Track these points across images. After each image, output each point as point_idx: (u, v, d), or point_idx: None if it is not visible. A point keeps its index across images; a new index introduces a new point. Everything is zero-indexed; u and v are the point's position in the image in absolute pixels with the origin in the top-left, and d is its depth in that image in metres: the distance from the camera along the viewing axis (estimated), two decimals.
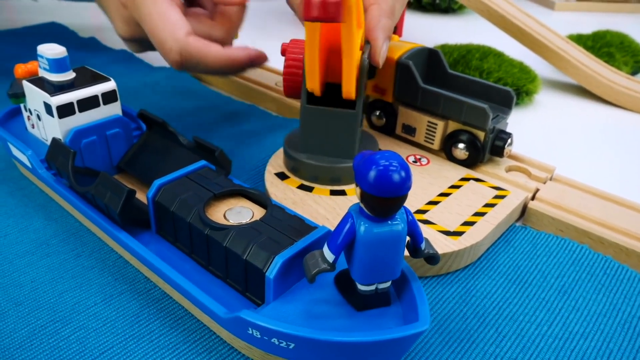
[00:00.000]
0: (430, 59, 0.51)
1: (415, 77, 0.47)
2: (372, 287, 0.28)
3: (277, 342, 0.26)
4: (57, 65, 0.41)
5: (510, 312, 0.34)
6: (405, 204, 0.25)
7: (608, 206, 0.43)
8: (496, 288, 0.36)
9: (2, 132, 0.44)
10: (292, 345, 0.26)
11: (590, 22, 1.05)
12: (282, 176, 0.44)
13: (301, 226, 0.31)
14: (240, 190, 0.34)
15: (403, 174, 0.24)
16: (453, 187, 0.44)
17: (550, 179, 0.47)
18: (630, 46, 0.79)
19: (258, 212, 0.33)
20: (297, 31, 0.94)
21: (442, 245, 0.36)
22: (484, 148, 0.46)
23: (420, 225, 0.38)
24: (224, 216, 0.32)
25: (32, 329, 0.31)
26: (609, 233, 0.40)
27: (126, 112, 0.45)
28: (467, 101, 0.44)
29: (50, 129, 0.41)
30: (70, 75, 0.42)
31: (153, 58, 0.73)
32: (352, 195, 0.41)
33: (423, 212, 0.40)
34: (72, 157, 0.37)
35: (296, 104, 0.59)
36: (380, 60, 0.40)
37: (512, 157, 0.49)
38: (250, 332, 0.27)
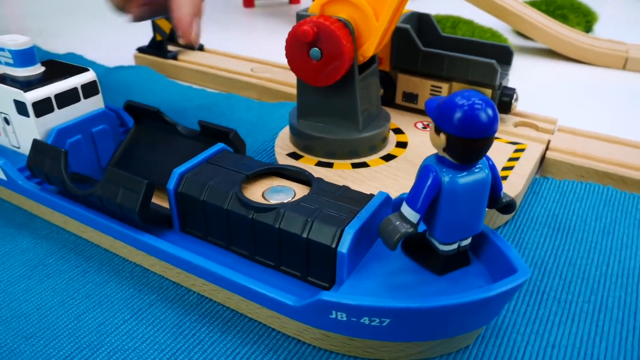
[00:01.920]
0: (420, 24, 0.49)
1: (415, 42, 0.45)
2: (454, 246, 0.25)
3: (367, 321, 0.23)
4: (22, 57, 0.35)
5: (566, 258, 0.33)
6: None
7: (616, 147, 0.43)
8: (544, 238, 0.35)
9: None
10: (387, 321, 0.23)
11: None
12: (295, 156, 0.40)
13: (356, 195, 0.28)
14: (274, 169, 0.31)
15: (491, 111, 0.22)
16: None
17: (557, 130, 0.47)
18: (580, 7, 0.81)
19: (300, 189, 0.29)
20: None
21: None
22: None
23: None
24: (264, 197, 0.29)
25: None
26: (628, 172, 0.40)
27: (107, 108, 0.39)
28: (474, 59, 0.43)
29: (25, 133, 0.35)
30: (38, 69, 0.36)
31: (106, 58, 0.67)
32: (376, 166, 0.39)
33: None
34: (65, 158, 0.31)
35: (279, 87, 0.56)
36: (194, 39, 0.38)
37: (515, 113, 0.48)
38: (334, 315, 0.24)
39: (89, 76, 0.37)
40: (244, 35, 0.87)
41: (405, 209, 0.24)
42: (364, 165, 0.39)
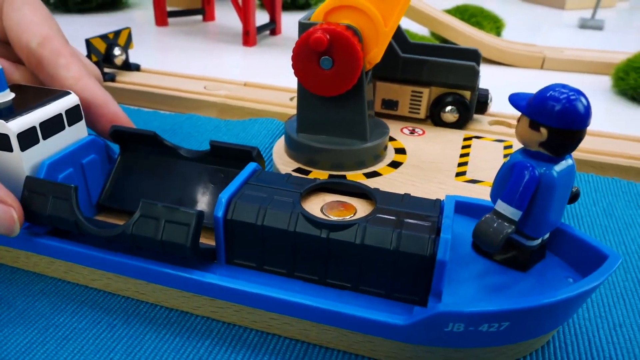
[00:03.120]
0: None
1: (395, 49, 0.45)
2: (539, 240, 0.25)
3: (485, 328, 0.22)
4: None
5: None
6: (441, 171, 0.23)
7: (588, 139, 0.47)
8: None
9: None
10: (505, 325, 0.22)
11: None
12: (301, 171, 0.38)
13: (423, 201, 0.27)
14: (323, 185, 0.28)
15: (586, 101, 0.22)
16: (464, 147, 0.43)
17: None
18: (489, 15, 0.89)
19: (358, 203, 0.28)
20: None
21: None
22: (472, 107, 0.46)
23: (471, 184, 0.37)
24: (324, 214, 0.27)
25: None
26: (605, 158, 0.44)
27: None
28: (455, 62, 0.44)
29: (6, 171, 0.29)
30: (8, 95, 0.30)
31: None
32: (388, 174, 0.38)
33: (463, 173, 0.39)
34: (76, 194, 0.27)
35: (243, 104, 0.53)
36: (121, 117, 0.34)
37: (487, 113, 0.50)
38: (449, 328, 0.22)
39: (72, 100, 0.31)
40: (161, 54, 0.82)
41: (503, 207, 0.23)
42: (377, 174, 0.38)
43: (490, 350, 0.24)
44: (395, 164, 0.40)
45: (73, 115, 0.32)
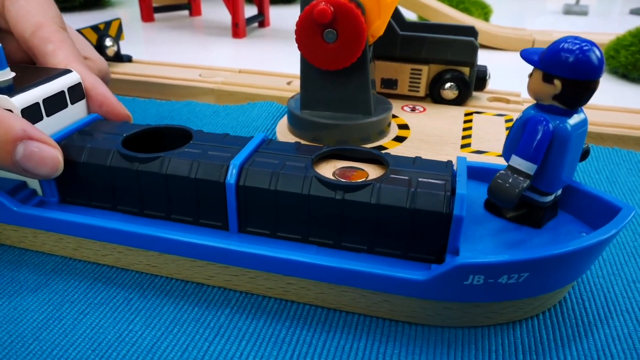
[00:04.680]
0: None
1: (394, 27, 0.45)
2: (552, 197, 0.26)
3: (505, 280, 0.22)
4: None
5: None
6: (447, 143, 0.23)
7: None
8: None
9: None
10: (525, 275, 0.22)
11: None
12: None
13: (434, 163, 0.27)
14: (335, 151, 0.28)
15: (599, 52, 0.22)
16: (466, 122, 0.43)
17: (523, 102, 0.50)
18: (477, 1, 0.89)
19: (370, 168, 0.28)
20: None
21: None
22: (472, 83, 0.46)
23: (478, 155, 0.37)
24: (337, 178, 0.27)
25: None
26: (604, 129, 0.44)
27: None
28: (455, 38, 0.44)
29: None
30: (8, 74, 0.30)
31: None
32: (394, 148, 0.38)
33: (468, 145, 0.39)
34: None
35: (239, 89, 0.53)
36: (121, 110, 0.33)
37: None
38: (469, 281, 0.22)
39: (74, 78, 0.31)
40: (151, 48, 0.82)
41: (518, 162, 0.23)
42: (383, 148, 0.38)
43: (508, 305, 0.24)
44: (400, 139, 0.40)
45: (75, 93, 0.31)
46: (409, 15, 0.78)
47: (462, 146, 0.39)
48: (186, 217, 0.28)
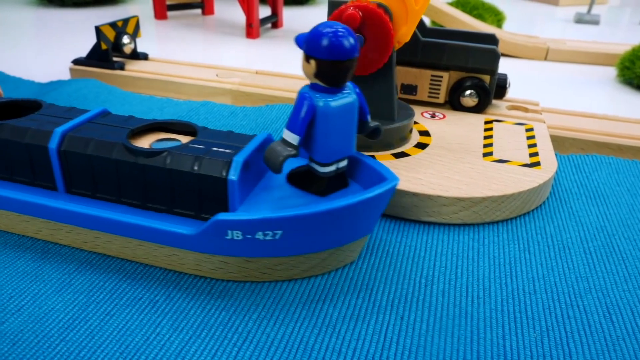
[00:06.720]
0: None
1: (415, 32, 0.45)
2: (333, 168, 0.28)
3: (262, 236, 0.25)
4: None
5: (619, 222, 0.35)
6: (468, 151, 0.24)
7: (603, 122, 0.48)
8: (588, 206, 0.37)
9: None
10: (279, 233, 0.25)
11: None
12: None
13: (239, 137, 0.29)
14: (158, 124, 0.31)
15: (352, 38, 0.25)
16: (487, 130, 0.43)
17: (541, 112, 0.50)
18: (490, 8, 0.89)
19: (187, 140, 0.31)
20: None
21: (534, 177, 0.35)
22: (492, 91, 0.46)
23: (501, 163, 0.37)
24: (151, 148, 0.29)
25: None
26: (623, 141, 0.44)
27: None
28: (476, 46, 0.44)
29: None
30: None
31: (30, 74, 0.58)
32: (416, 154, 0.38)
33: (490, 154, 0.39)
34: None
35: (257, 91, 0.52)
36: None
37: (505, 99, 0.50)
38: (230, 236, 0.25)
39: None
40: (165, 45, 0.82)
41: (287, 134, 0.26)
42: (405, 155, 0.38)
43: (279, 262, 0.26)
44: (421, 146, 0.39)
45: None
46: (423, 20, 0.79)
47: (485, 154, 0.38)
48: (23, 178, 0.30)
